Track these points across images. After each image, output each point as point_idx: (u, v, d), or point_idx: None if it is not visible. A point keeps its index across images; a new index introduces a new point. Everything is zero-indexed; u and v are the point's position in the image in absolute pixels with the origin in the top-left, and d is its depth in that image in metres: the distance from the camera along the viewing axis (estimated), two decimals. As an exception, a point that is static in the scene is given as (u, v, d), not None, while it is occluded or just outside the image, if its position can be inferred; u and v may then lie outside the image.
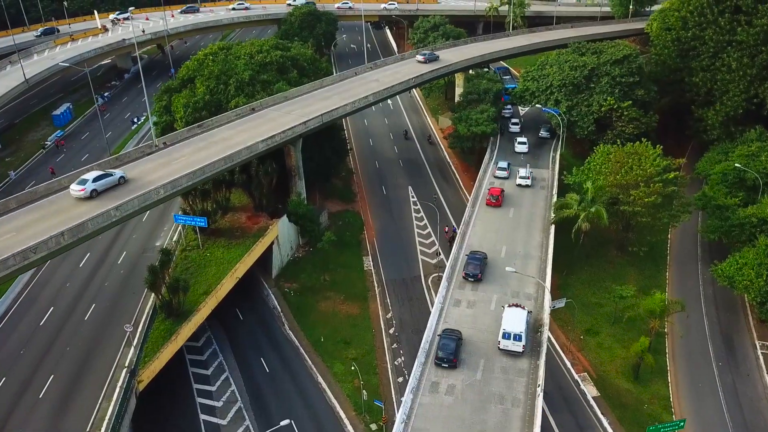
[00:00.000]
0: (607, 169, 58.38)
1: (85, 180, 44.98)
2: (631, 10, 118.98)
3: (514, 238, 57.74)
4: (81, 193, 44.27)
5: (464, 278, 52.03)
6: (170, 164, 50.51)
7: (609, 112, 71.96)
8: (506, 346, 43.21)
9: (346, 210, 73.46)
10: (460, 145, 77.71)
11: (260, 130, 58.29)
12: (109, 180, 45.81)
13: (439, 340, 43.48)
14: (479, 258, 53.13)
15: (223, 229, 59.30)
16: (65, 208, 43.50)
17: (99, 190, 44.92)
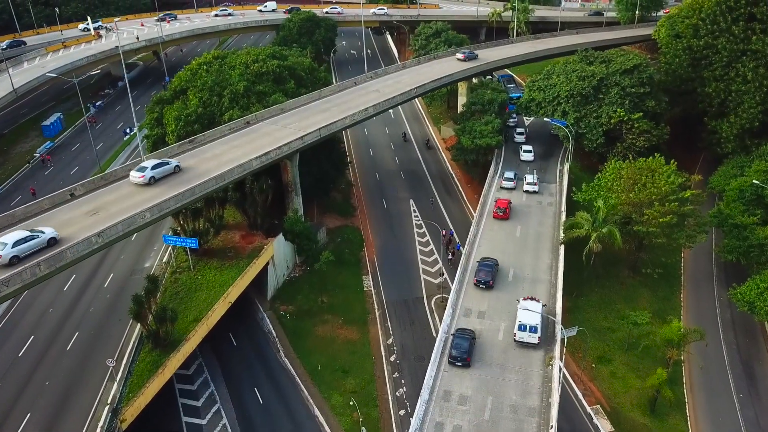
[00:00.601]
0: (618, 187, 55.55)
1: (143, 168, 47.76)
2: (637, 16, 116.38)
3: (521, 260, 54.89)
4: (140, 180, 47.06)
5: (476, 285, 51.15)
6: (157, 185, 47.60)
7: (619, 124, 69.16)
8: (522, 338, 44.65)
9: (345, 225, 70.63)
10: (463, 158, 74.90)
11: (254, 146, 55.50)
12: (166, 169, 48.85)
13: (453, 339, 44.23)
14: (491, 264, 52.35)
15: (215, 249, 56.47)
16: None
17: (157, 177, 47.77)
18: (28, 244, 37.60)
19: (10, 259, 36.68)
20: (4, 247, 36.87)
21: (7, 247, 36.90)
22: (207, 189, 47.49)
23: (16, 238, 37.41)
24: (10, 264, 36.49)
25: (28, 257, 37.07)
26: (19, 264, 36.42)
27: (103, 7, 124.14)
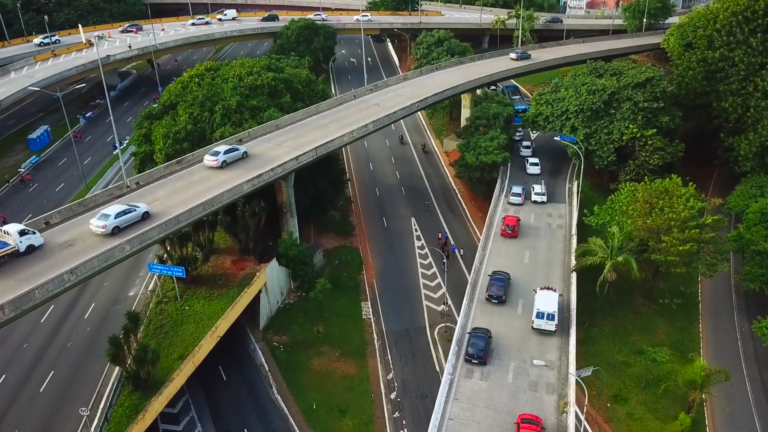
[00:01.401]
0: (634, 211, 52.08)
1: (216, 152, 51.52)
2: (644, 24, 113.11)
3: (531, 290, 51.32)
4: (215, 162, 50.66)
5: (487, 299, 49.92)
6: (141, 210, 44.15)
7: (631, 141, 65.75)
8: (539, 325, 46.26)
9: (344, 246, 67.21)
10: (467, 175, 71.46)
11: (246, 167, 52.12)
12: (236, 154, 52.11)
13: (469, 338, 44.29)
14: (503, 278, 51.08)
15: (204, 276, 53.04)
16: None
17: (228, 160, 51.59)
18: (126, 216, 41.57)
19: (112, 229, 40.65)
20: (108, 218, 40.77)
21: (111, 218, 40.79)
22: (193, 217, 44.09)
23: (118, 210, 41.55)
24: (113, 234, 40.48)
25: (129, 228, 41.08)
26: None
27: (96, 14, 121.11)
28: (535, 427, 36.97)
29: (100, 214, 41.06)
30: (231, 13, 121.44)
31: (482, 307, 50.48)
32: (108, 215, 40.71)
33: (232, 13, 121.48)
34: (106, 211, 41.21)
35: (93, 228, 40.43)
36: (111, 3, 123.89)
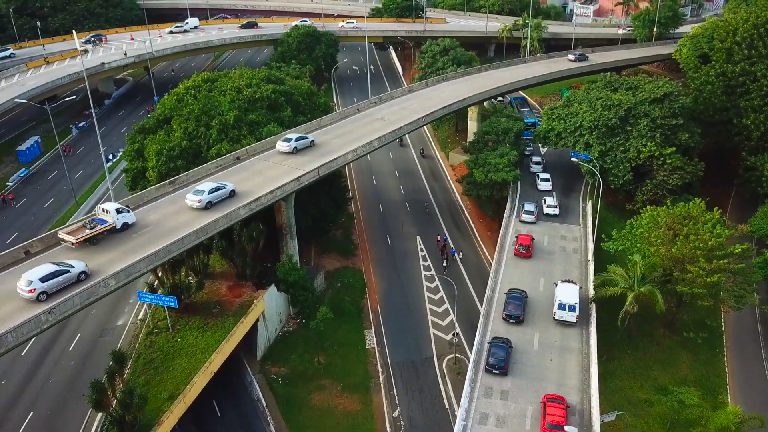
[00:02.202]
0: (657, 238, 48.82)
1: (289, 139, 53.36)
2: (654, 33, 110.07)
3: (546, 324, 47.99)
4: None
5: (504, 319, 47.88)
6: (129, 239, 40.94)
7: (649, 160, 62.59)
8: (561, 316, 47.07)
9: (346, 267, 63.96)
10: (476, 193, 68.21)
11: (244, 188, 48.92)
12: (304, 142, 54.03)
13: (489, 348, 43.72)
14: (520, 297, 49.26)
15: (198, 304, 49.77)
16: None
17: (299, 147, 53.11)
18: (218, 193, 45.92)
19: (206, 203, 44.82)
20: (202, 193, 45.03)
21: (205, 194, 45.08)
22: (186, 246, 40.84)
23: (212, 186, 45.88)
24: (206, 208, 44.52)
25: (220, 203, 45.25)
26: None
27: (92, 19, 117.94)
28: (560, 405, 38.95)
29: (195, 190, 45.78)
30: (193, 22, 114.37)
31: (497, 326, 47.67)
32: (202, 191, 45.43)
33: (194, 22, 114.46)
34: (200, 187, 46.00)
35: (189, 202, 45.08)
36: (107, 8, 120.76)
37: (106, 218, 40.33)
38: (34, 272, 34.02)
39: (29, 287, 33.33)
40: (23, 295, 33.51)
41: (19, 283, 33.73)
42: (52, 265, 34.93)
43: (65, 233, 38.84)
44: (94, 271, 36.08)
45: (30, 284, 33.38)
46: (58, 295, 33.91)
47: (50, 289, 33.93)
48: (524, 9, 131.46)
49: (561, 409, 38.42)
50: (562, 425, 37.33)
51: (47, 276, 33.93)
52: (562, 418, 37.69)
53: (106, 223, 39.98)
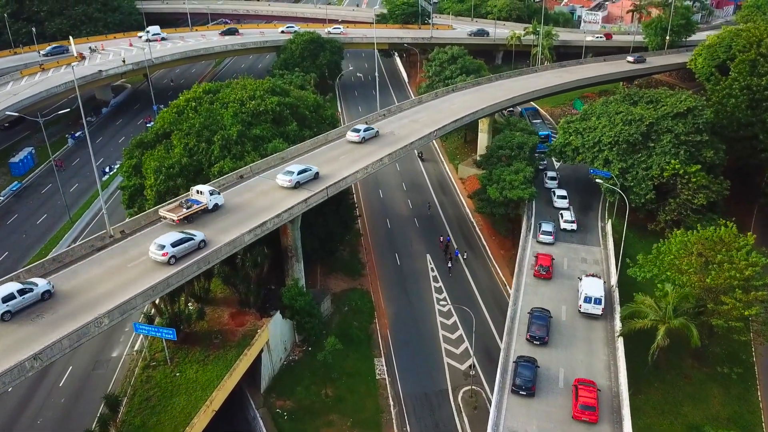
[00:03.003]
0: (688, 266, 45.77)
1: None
2: (667, 41, 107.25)
3: (572, 356, 44.89)
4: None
5: (528, 341, 45.96)
6: (124, 269, 37.89)
7: (672, 178, 59.59)
8: (587, 309, 48.28)
9: (353, 289, 60.86)
10: (489, 211, 65.16)
11: (248, 211, 45.90)
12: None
13: (515, 367, 42.28)
14: (544, 317, 47.37)
15: (199, 334, 46.63)
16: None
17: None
18: (305, 174, 49.97)
19: (295, 184, 48.51)
20: (292, 174, 48.89)
21: (294, 174, 48.95)
22: (186, 277, 37.76)
23: (300, 168, 49.97)
24: (295, 188, 48.58)
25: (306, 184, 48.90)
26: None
27: (90, 24, 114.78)
28: (592, 388, 40.53)
29: (286, 170, 49.58)
30: (154, 30, 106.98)
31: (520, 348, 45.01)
32: (292, 171, 49.22)
33: (155, 30, 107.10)
34: (290, 168, 49.82)
35: (279, 182, 48.93)
36: (106, 13, 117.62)
37: (200, 199, 44.71)
38: (165, 238, 39.10)
39: (162, 251, 38.20)
40: (156, 258, 38.22)
41: (152, 248, 38.51)
42: (180, 233, 40.06)
43: (166, 211, 43.26)
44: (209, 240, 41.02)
45: (162, 248, 38.35)
46: (183, 260, 38.54)
47: (178, 254, 38.78)
48: (532, 15, 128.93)
49: (593, 391, 40.29)
50: (594, 406, 39.08)
51: (177, 242, 38.92)
52: (594, 400, 39.41)
53: (201, 203, 44.27)
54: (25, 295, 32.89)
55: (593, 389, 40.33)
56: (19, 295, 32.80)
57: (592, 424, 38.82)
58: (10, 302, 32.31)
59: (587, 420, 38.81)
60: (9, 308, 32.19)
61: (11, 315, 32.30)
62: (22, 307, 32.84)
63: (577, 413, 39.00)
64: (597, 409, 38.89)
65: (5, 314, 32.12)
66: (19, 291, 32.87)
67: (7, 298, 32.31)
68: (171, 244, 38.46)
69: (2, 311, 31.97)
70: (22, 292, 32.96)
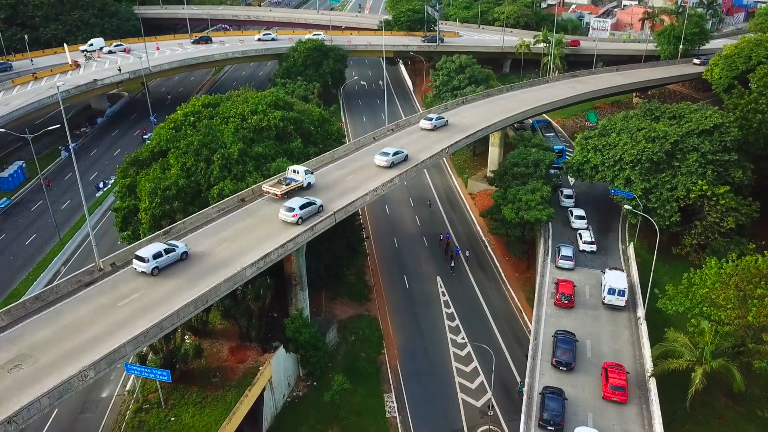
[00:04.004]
0: (725, 301, 42.35)
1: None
2: (680, 51, 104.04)
3: (601, 401, 41.36)
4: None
5: (554, 366, 43.70)
6: (114, 309, 34.42)
7: (699, 199, 56.27)
8: (611, 300, 49.78)
9: (360, 315, 57.42)
10: (504, 232, 61.79)
11: (250, 238, 42.55)
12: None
13: (542, 399, 39.81)
14: (570, 340, 45.15)
15: (196, 372, 43.17)
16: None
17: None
18: (398, 156, 55.66)
19: (390, 164, 54.87)
20: (388, 155, 54.95)
21: (390, 156, 54.81)
22: (182, 318, 34.27)
23: (394, 150, 55.81)
24: (390, 167, 54.59)
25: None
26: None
27: (86, 29, 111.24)
28: (621, 370, 41.76)
29: (382, 152, 55.34)
30: (98, 43, 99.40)
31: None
32: (387, 152, 54.97)
33: (99, 43, 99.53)
34: (386, 150, 55.52)
35: (377, 161, 54.33)
36: (103, 18, 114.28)
37: (297, 177, 49.28)
38: (294, 201, 45.39)
39: (292, 213, 44.40)
40: (286, 219, 44.38)
41: (282, 211, 44.78)
42: (303, 198, 45.92)
43: (270, 186, 48.14)
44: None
45: (292, 211, 44.56)
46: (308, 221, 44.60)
47: (305, 216, 44.88)
48: (540, 22, 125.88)
49: (622, 372, 41.50)
50: (624, 387, 40.30)
51: (303, 205, 45.20)
52: (623, 381, 40.65)
53: (297, 181, 48.86)
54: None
55: (622, 371, 41.66)
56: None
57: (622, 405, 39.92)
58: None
59: (617, 400, 40.16)
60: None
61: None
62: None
63: (608, 393, 40.31)
64: (626, 390, 40.26)
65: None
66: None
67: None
68: (300, 207, 44.53)
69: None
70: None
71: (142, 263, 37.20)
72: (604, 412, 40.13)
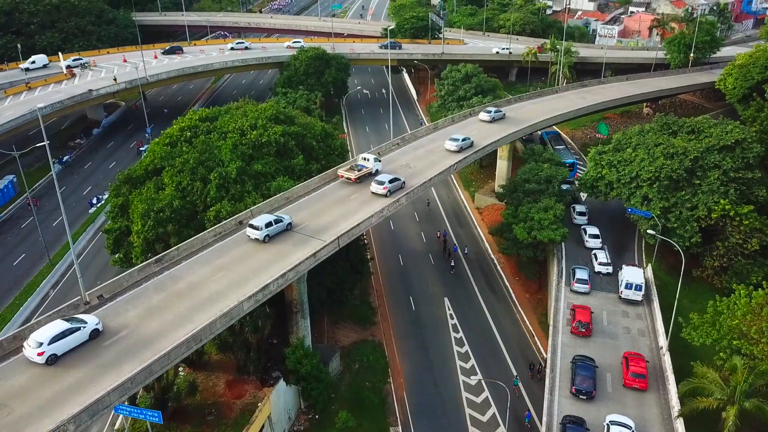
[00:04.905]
0: (758, 335, 39.51)
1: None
2: (691, 59, 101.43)
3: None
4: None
5: (574, 395, 41.62)
6: (99, 349, 31.60)
7: (721, 219, 53.50)
8: (628, 295, 51.33)
9: (364, 340, 54.58)
10: (516, 252, 58.99)
11: (249, 265, 39.79)
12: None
13: (562, 429, 38.78)
14: (590, 367, 43.14)
15: (190, 408, 40.36)
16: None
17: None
18: (466, 141, 60.74)
19: (460, 148, 59.70)
20: (458, 140, 60.12)
21: (460, 141, 60.21)
22: (172, 361, 31.43)
23: (463, 136, 61.03)
24: (459, 151, 59.63)
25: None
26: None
27: (83, 37, 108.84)
28: (641, 359, 43.48)
29: (452, 137, 60.67)
30: (41, 60, 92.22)
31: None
32: (457, 138, 60.42)
33: (41, 60, 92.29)
34: (455, 135, 61.45)
35: (447, 146, 60.34)
36: (100, 25, 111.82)
37: (367, 165, 53.54)
38: (384, 176, 51.42)
39: (383, 186, 49.94)
40: (377, 191, 50.06)
41: (373, 184, 50.17)
42: (390, 174, 52.12)
43: (344, 171, 52.51)
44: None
45: (382, 184, 50.08)
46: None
47: (393, 189, 50.90)
48: (546, 29, 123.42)
49: (642, 361, 43.15)
50: (645, 374, 41.95)
51: (392, 180, 51.16)
52: (644, 369, 42.34)
53: (367, 167, 53.21)
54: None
55: (642, 359, 43.24)
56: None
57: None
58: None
59: (637, 387, 41.72)
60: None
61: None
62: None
63: (628, 381, 41.88)
64: (647, 377, 41.80)
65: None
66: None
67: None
68: (389, 181, 50.22)
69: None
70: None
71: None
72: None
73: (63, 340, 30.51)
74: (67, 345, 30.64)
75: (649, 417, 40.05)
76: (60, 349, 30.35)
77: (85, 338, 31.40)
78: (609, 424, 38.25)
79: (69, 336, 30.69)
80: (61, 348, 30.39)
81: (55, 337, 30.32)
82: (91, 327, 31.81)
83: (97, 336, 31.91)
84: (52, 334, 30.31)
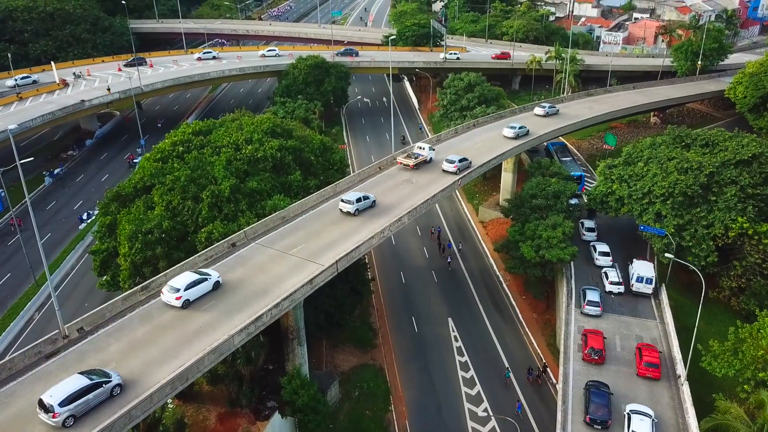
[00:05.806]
0: (785, 365, 37.05)
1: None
2: (699, 66, 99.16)
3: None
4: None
5: (587, 424, 38.71)
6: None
7: (739, 237, 51.02)
8: (639, 288, 51.95)
9: (364, 365, 52.11)
10: (523, 271, 56.48)
11: (240, 296, 37.25)
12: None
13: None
14: (605, 394, 40.42)
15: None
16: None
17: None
18: (522, 129, 66.72)
19: (515, 135, 65.51)
20: (515, 128, 65.87)
21: (517, 128, 66.25)
22: (155, 404, 28.93)
23: (519, 125, 66.24)
24: (515, 138, 65.39)
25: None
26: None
27: (78, 45, 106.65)
28: (654, 349, 44.00)
29: (509, 125, 64.61)
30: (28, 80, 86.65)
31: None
32: (515, 126, 64.35)
33: (29, 80, 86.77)
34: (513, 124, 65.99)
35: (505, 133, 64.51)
36: (95, 33, 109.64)
37: (422, 153, 57.68)
38: (453, 156, 55.97)
39: (453, 164, 55.36)
40: (448, 170, 55.27)
41: (445, 163, 55.70)
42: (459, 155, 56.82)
43: (403, 158, 56.72)
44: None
45: (453, 163, 55.32)
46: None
47: (462, 168, 55.37)
48: (550, 36, 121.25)
49: (655, 351, 43.68)
50: (657, 364, 42.31)
51: (462, 159, 56.30)
52: (657, 359, 42.67)
53: (422, 155, 57.26)
54: None
55: (655, 350, 43.86)
56: None
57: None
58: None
59: (651, 376, 42.15)
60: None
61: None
62: None
63: (642, 370, 42.38)
64: (660, 367, 42.10)
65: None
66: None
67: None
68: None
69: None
70: None
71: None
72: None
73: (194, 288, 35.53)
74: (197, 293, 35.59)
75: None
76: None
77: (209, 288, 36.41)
78: (629, 413, 38.17)
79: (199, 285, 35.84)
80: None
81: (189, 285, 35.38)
82: (215, 279, 36.92)
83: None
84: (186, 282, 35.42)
